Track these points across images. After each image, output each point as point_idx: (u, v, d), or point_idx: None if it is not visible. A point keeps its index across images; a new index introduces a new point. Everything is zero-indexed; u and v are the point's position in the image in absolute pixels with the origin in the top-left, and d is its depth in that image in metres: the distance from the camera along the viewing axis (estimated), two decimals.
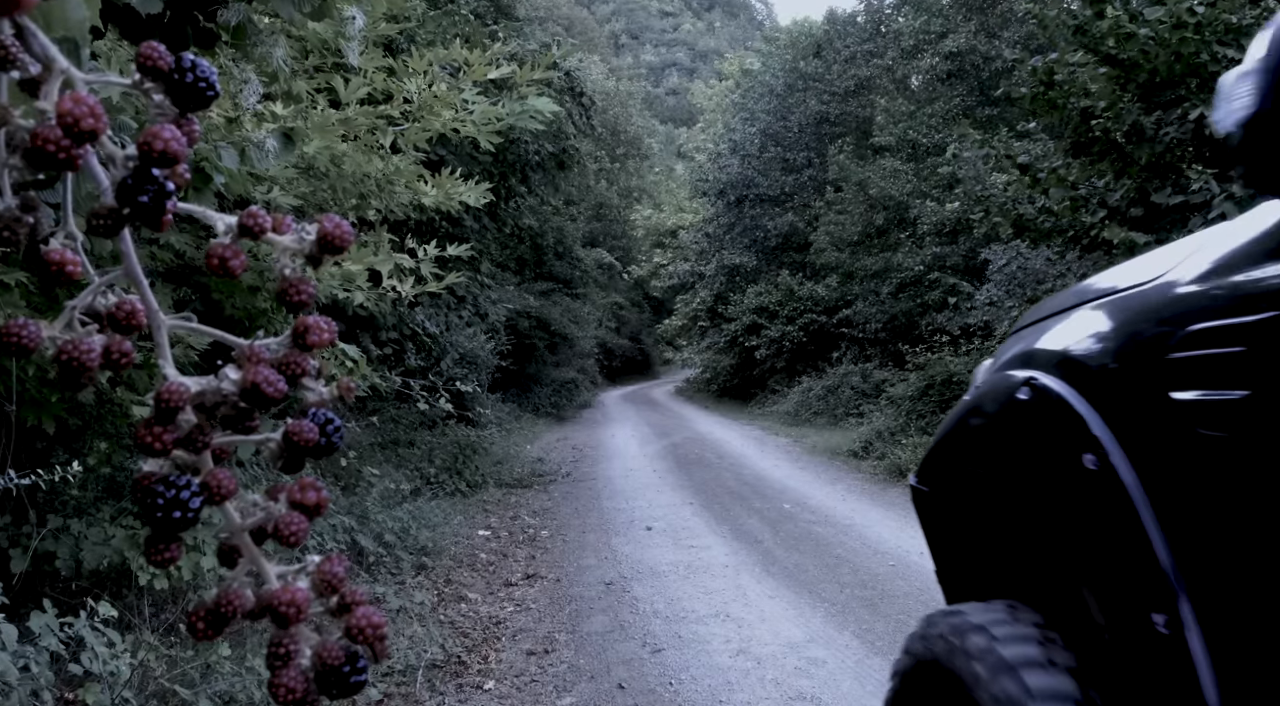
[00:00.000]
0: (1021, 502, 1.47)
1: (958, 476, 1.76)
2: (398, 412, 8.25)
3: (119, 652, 2.60)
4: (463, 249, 3.89)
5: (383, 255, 3.48)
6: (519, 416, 14.21)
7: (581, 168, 15.04)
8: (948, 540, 1.83)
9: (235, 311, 3.94)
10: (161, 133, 0.36)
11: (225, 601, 0.39)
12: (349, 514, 5.25)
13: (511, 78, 3.25)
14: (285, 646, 0.39)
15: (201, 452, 0.40)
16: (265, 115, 2.63)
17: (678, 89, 66.24)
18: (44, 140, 0.35)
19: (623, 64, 50.13)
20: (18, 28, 0.37)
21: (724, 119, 28.44)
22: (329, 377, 0.47)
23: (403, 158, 3.47)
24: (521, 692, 3.76)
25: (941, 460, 1.83)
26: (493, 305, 11.57)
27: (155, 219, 0.38)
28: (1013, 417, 1.51)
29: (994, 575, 1.66)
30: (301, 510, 0.41)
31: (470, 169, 5.93)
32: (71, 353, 0.38)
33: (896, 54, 18.77)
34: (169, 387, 0.39)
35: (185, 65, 0.38)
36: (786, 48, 23.82)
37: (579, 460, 11.47)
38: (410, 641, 4.12)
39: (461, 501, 8.02)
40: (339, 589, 0.40)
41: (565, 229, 17.44)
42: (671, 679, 3.81)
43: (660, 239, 31.66)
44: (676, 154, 43.63)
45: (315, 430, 0.41)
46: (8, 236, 0.38)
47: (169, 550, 0.39)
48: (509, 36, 3.78)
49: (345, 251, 0.42)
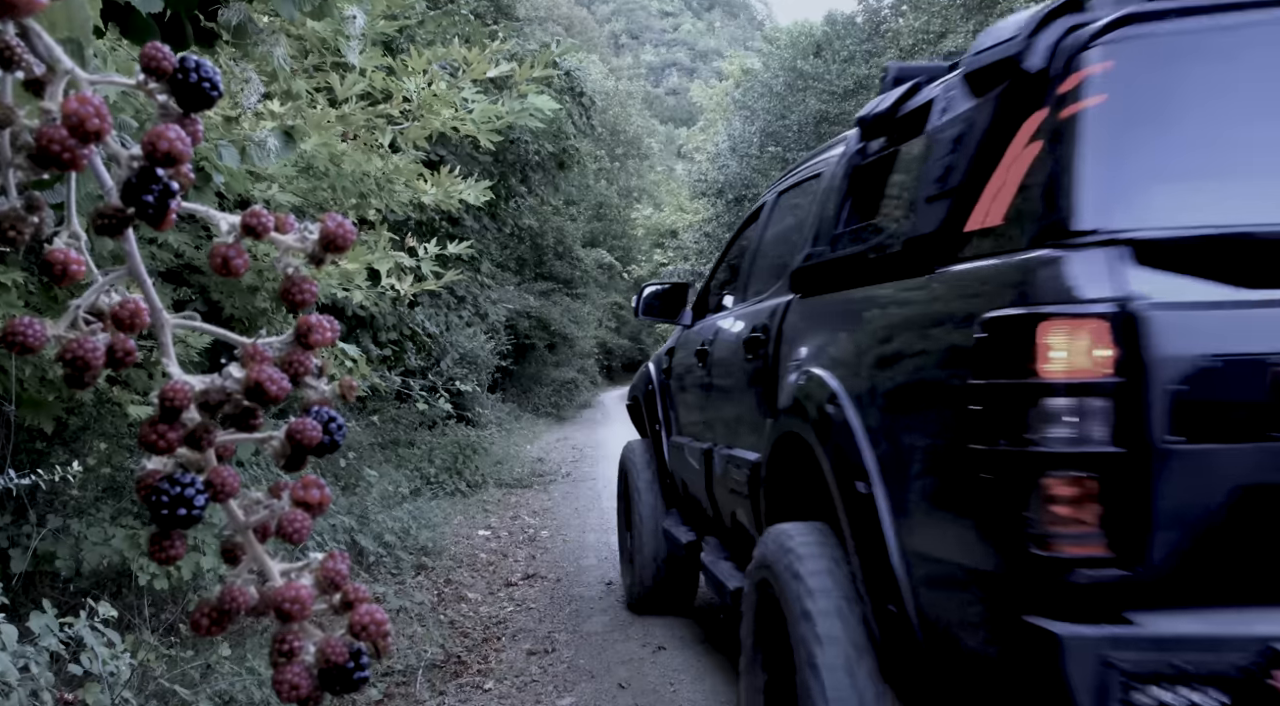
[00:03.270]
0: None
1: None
2: (398, 412, 8.25)
3: (119, 653, 2.60)
4: (463, 247, 3.89)
5: (380, 253, 3.48)
6: (519, 416, 14.21)
7: (581, 167, 15.04)
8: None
9: (235, 311, 3.94)
10: (166, 133, 0.37)
11: (229, 598, 0.39)
12: (349, 514, 5.25)
13: (511, 77, 3.25)
14: (289, 643, 0.39)
15: (205, 451, 0.40)
16: (264, 113, 2.63)
17: (678, 89, 66.25)
18: (49, 140, 0.35)
19: (623, 64, 50.15)
20: (22, 29, 0.37)
21: (724, 119, 28.45)
22: (330, 377, 0.47)
23: (402, 156, 3.48)
24: (522, 692, 3.76)
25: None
26: (493, 305, 11.58)
27: (159, 219, 0.38)
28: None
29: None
30: (304, 507, 0.41)
31: (470, 168, 5.93)
32: (76, 351, 0.38)
33: (896, 54, 18.78)
34: (173, 386, 0.39)
35: (189, 66, 0.39)
36: (786, 47, 23.84)
37: (579, 460, 11.47)
38: (410, 641, 4.13)
39: (461, 501, 8.02)
40: (342, 586, 0.41)
41: (565, 229, 17.45)
42: (672, 679, 3.82)
43: (660, 239, 31.67)
44: (676, 154, 43.63)
45: (318, 428, 0.41)
46: (12, 236, 0.39)
47: (173, 547, 0.40)
48: (509, 36, 3.78)
49: (347, 250, 0.43)
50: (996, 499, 1.68)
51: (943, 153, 2.09)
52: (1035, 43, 1.85)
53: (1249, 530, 1.56)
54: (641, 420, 5.03)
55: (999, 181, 1.89)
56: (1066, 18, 1.84)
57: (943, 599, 1.91)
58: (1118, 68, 1.72)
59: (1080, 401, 1.58)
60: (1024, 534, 1.60)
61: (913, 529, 1.99)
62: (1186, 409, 1.55)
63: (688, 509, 4.23)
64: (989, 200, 1.90)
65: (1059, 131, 1.74)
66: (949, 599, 1.89)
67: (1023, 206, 1.78)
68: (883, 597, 2.07)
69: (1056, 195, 1.69)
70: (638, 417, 5.13)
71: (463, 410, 10.03)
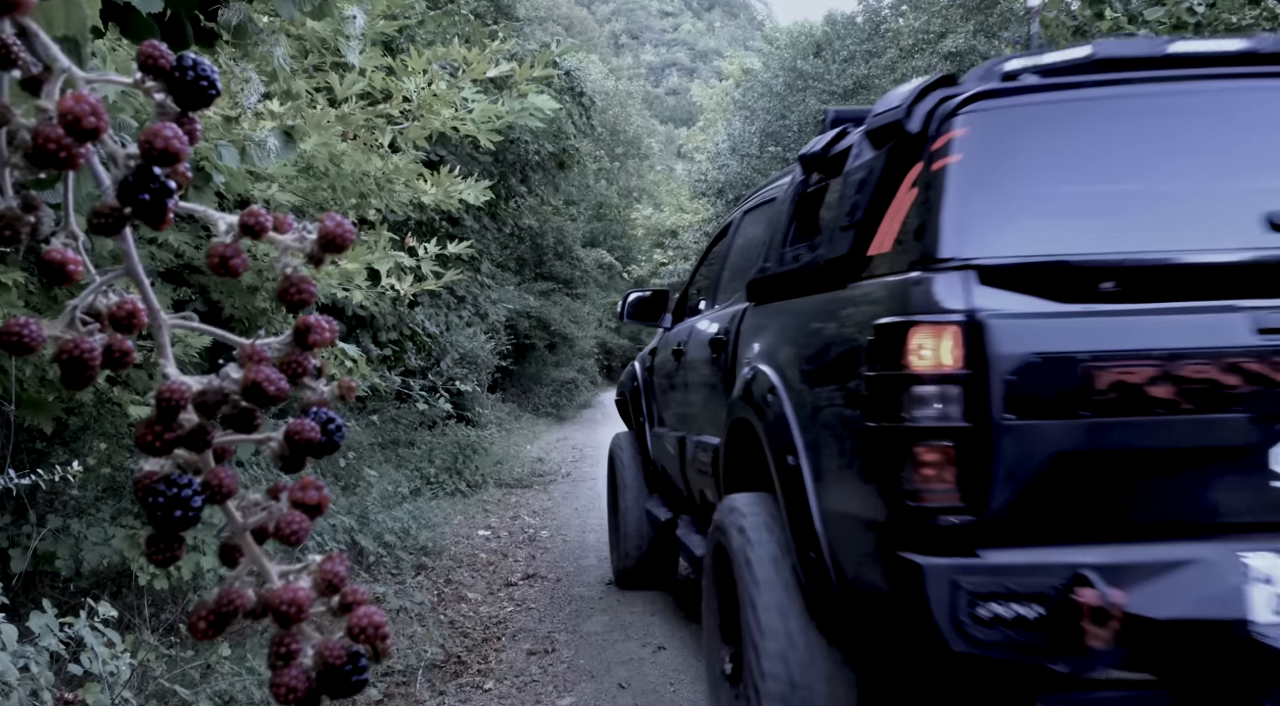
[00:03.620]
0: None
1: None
2: (398, 412, 8.25)
3: (119, 653, 2.60)
4: (463, 247, 3.89)
5: (380, 253, 3.48)
6: (519, 416, 14.20)
7: (581, 167, 15.04)
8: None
9: (235, 311, 3.94)
10: (163, 131, 0.36)
11: (227, 600, 0.39)
12: (349, 514, 5.25)
13: (511, 76, 3.25)
14: (287, 645, 0.39)
15: (203, 452, 0.40)
16: (264, 113, 2.63)
17: (678, 89, 66.25)
18: (46, 139, 0.35)
19: (623, 64, 50.11)
20: (19, 27, 0.37)
21: (724, 119, 28.45)
22: (329, 377, 0.47)
23: (402, 156, 3.48)
24: (522, 692, 3.76)
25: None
26: (493, 305, 11.58)
27: (157, 218, 0.38)
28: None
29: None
30: (303, 509, 0.41)
31: (470, 168, 5.93)
32: (73, 351, 0.38)
33: (896, 54, 18.78)
34: (170, 387, 0.39)
35: (186, 64, 0.38)
36: (786, 48, 23.84)
37: (579, 460, 11.47)
38: (410, 641, 4.13)
39: (461, 501, 8.02)
40: (340, 588, 0.40)
41: (565, 229, 17.45)
42: (672, 679, 3.82)
43: (660, 239, 31.66)
44: (676, 154, 43.62)
45: (316, 429, 0.41)
46: (9, 236, 0.38)
47: (171, 549, 0.39)
48: (509, 36, 3.78)
49: (347, 250, 0.42)
50: (882, 464, 2.15)
51: (853, 191, 2.59)
52: (916, 110, 2.37)
53: (1062, 486, 2.05)
54: (628, 414, 5.56)
55: (890, 217, 2.41)
56: (940, 91, 2.37)
57: (848, 545, 2.40)
58: (971, 133, 2.21)
59: (940, 388, 2.06)
60: (901, 490, 2.08)
61: (827, 491, 2.48)
62: (1017, 394, 2.03)
63: (667, 493, 4.75)
64: (883, 232, 2.43)
65: (930, 181, 2.24)
66: (852, 544, 2.38)
67: (904, 238, 2.30)
68: (806, 547, 2.55)
69: (927, 230, 2.19)
70: (624, 412, 5.71)
71: (463, 410, 10.02)
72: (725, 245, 4.39)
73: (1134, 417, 2.03)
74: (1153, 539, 2.04)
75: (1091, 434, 2.04)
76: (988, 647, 1.99)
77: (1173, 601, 1.94)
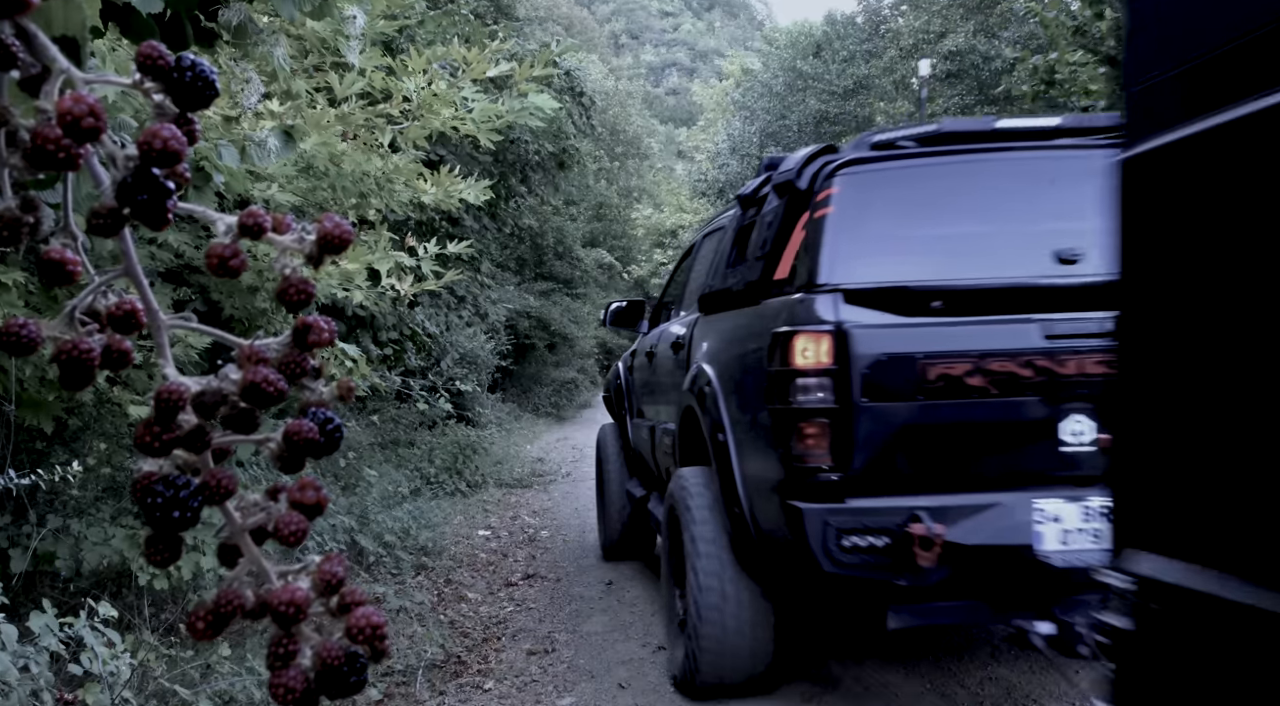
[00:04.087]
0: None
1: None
2: (398, 412, 8.25)
3: (119, 653, 2.60)
4: (463, 247, 3.89)
5: (380, 253, 3.48)
6: (519, 416, 14.20)
7: (581, 167, 15.03)
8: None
9: (235, 311, 3.94)
10: (161, 131, 0.36)
11: (226, 601, 0.39)
12: (349, 514, 5.24)
13: (511, 76, 3.25)
14: (286, 646, 0.39)
15: (202, 452, 0.40)
16: (264, 113, 2.63)
17: (678, 89, 66.22)
18: (45, 139, 0.35)
19: (623, 64, 50.08)
20: (18, 28, 0.37)
21: (724, 119, 28.43)
22: (329, 377, 0.47)
23: (402, 156, 3.47)
24: (522, 692, 3.76)
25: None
26: (493, 305, 11.57)
27: (156, 218, 0.38)
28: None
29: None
30: (301, 509, 0.41)
31: (470, 168, 5.92)
32: (71, 351, 0.38)
33: (896, 54, 18.77)
34: (169, 387, 0.39)
35: (185, 65, 0.38)
36: (786, 48, 23.83)
37: (579, 460, 11.46)
38: (410, 641, 4.12)
39: (461, 501, 8.02)
40: (339, 588, 0.40)
41: (565, 229, 17.44)
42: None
43: (660, 239, 31.62)
44: (676, 154, 43.60)
45: (315, 429, 0.41)
46: (9, 236, 0.38)
47: (170, 549, 0.39)
48: (509, 36, 3.78)
49: (346, 251, 0.42)
50: (779, 437, 2.92)
51: (764, 229, 3.41)
52: (804, 171, 3.20)
53: (904, 451, 2.82)
54: (613, 407, 6.39)
55: (788, 251, 3.23)
56: (823, 157, 3.24)
57: (760, 500, 3.13)
58: (842, 190, 3.00)
59: (817, 380, 2.82)
60: (791, 455, 2.86)
61: (746, 460, 3.25)
62: (871, 383, 2.80)
63: (644, 475, 5.53)
64: (784, 262, 3.24)
65: (812, 226, 3.03)
66: (762, 499, 3.11)
67: (796, 268, 3.12)
68: (732, 504, 3.30)
69: (810, 262, 2.98)
70: (610, 406, 6.55)
71: (463, 410, 10.02)
72: (690, 263, 5.22)
73: (956, 400, 2.80)
74: (969, 489, 2.79)
75: (925, 412, 2.81)
76: (849, 568, 2.76)
77: (980, 532, 2.70)
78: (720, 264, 4.00)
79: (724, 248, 4.03)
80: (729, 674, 3.31)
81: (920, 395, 2.79)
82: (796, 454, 2.82)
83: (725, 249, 3.98)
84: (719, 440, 3.39)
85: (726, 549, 3.31)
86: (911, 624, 2.91)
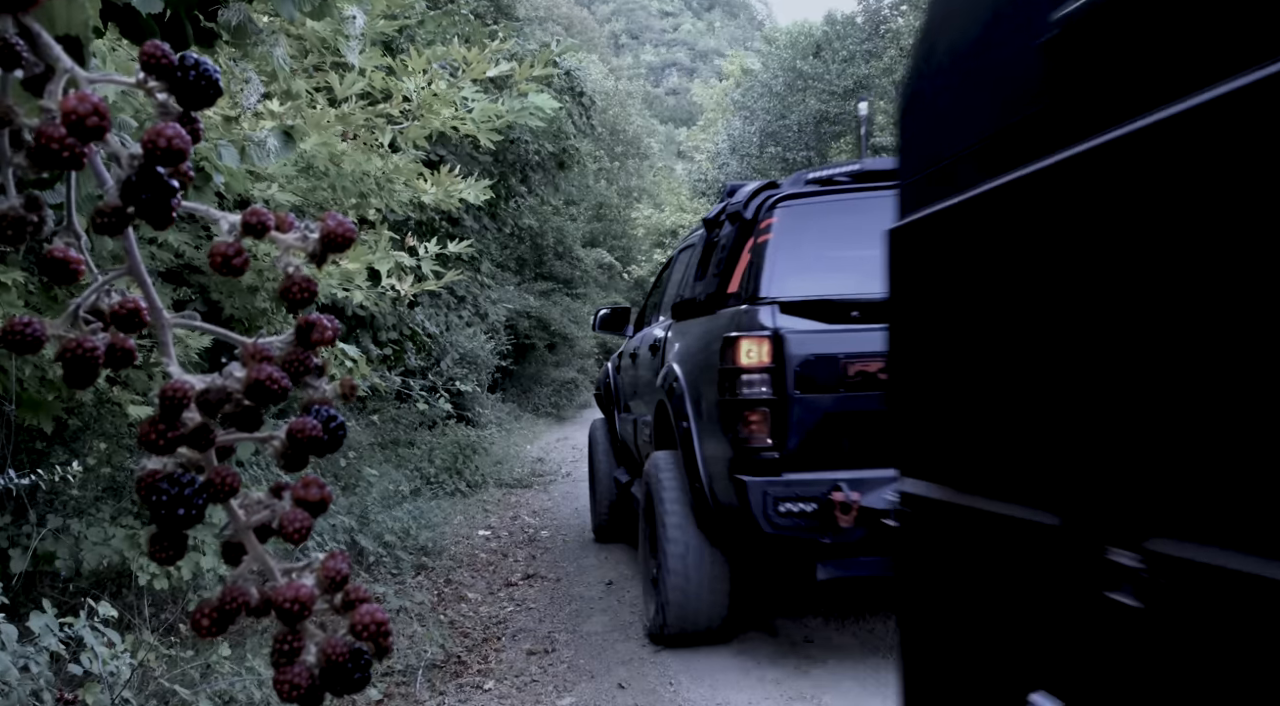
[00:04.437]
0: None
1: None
2: (398, 412, 8.25)
3: (119, 652, 2.60)
4: (463, 247, 3.89)
5: (380, 253, 3.47)
6: (519, 416, 14.20)
7: (581, 167, 15.02)
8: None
9: (235, 311, 3.94)
10: (165, 130, 0.36)
11: (231, 598, 0.39)
12: (349, 514, 5.24)
13: (511, 76, 3.25)
14: (291, 643, 0.39)
15: (206, 450, 0.40)
16: (264, 113, 2.63)
17: (678, 89, 66.22)
18: (50, 138, 0.35)
19: (623, 64, 50.06)
20: (22, 27, 0.37)
21: (724, 119, 28.43)
22: (331, 376, 0.47)
23: (402, 156, 3.47)
24: (522, 692, 3.76)
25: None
26: (493, 305, 11.57)
27: (160, 217, 0.38)
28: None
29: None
30: (305, 506, 0.41)
31: (470, 168, 5.91)
32: (76, 350, 0.38)
33: (896, 54, 18.77)
34: (174, 385, 0.39)
35: (189, 64, 0.38)
36: (786, 48, 23.83)
37: (579, 460, 11.45)
38: (410, 641, 4.12)
39: (461, 501, 8.02)
40: (343, 585, 0.40)
41: (565, 229, 17.44)
42: (672, 679, 3.82)
43: (660, 239, 31.59)
44: (676, 154, 43.58)
45: (319, 427, 0.41)
46: (12, 235, 0.39)
47: (174, 547, 0.39)
48: (509, 36, 3.78)
49: (349, 249, 0.42)
50: (728, 423, 3.58)
51: (720, 250, 4.19)
52: (750, 204, 3.95)
53: (828, 433, 3.49)
54: (603, 403, 7.10)
55: (738, 270, 3.92)
56: (766, 191, 4.00)
57: (716, 475, 3.75)
58: (779, 220, 3.74)
59: (759, 376, 3.49)
60: (739, 438, 3.53)
61: (704, 443, 3.91)
62: (801, 378, 3.50)
63: (629, 463, 6.15)
64: (734, 278, 3.94)
65: (756, 250, 3.77)
66: (718, 474, 3.72)
67: (744, 283, 3.81)
68: (694, 480, 3.97)
69: (754, 279, 3.71)
70: (600, 402, 7.29)
71: (463, 410, 10.02)
72: (668, 274, 5.94)
73: (870, 392, 3.43)
74: (881, 465, 3.34)
75: (844, 402, 3.49)
76: (784, 529, 3.44)
77: (886, 499, 3.12)
78: (689, 276, 4.75)
79: (693, 262, 4.79)
80: (691, 624, 3.96)
81: (842, 388, 3.49)
82: (742, 437, 3.51)
83: (694, 263, 4.75)
84: (683, 427, 4.08)
85: (690, 517, 3.95)
86: (836, 575, 3.57)
